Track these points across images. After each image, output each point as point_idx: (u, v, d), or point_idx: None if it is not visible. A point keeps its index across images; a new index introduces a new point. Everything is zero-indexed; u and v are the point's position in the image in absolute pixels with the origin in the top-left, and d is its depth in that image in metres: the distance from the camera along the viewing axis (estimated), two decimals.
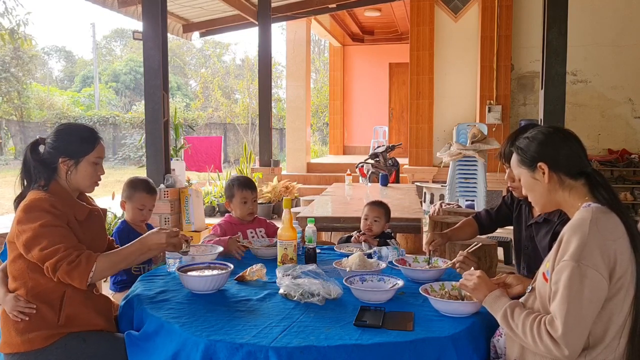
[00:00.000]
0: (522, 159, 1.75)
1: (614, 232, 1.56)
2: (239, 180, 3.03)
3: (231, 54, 31.25)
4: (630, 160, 8.05)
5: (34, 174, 2.02)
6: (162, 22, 5.19)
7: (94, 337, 1.95)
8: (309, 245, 2.49)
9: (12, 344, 1.91)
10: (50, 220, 1.88)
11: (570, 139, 1.72)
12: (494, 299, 1.68)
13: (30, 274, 1.92)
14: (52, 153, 2.04)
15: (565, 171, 1.67)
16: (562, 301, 1.49)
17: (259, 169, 8.80)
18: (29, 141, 2.07)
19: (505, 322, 1.61)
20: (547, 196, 1.71)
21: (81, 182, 2.06)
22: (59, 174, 2.04)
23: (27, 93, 21.99)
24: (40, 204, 1.91)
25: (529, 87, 8.69)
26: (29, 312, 1.90)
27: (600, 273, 1.49)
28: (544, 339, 1.50)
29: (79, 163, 2.05)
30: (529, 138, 1.74)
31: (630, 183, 7.97)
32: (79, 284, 1.86)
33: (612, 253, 1.52)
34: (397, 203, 4.53)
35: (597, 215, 1.58)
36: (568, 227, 1.60)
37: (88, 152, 2.06)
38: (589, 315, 1.50)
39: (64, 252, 1.84)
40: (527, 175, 1.74)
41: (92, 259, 1.86)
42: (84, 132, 2.09)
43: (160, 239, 1.98)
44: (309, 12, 9.49)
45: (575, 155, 1.69)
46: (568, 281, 1.50)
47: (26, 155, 2.03)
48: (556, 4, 4.31)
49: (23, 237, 1.87)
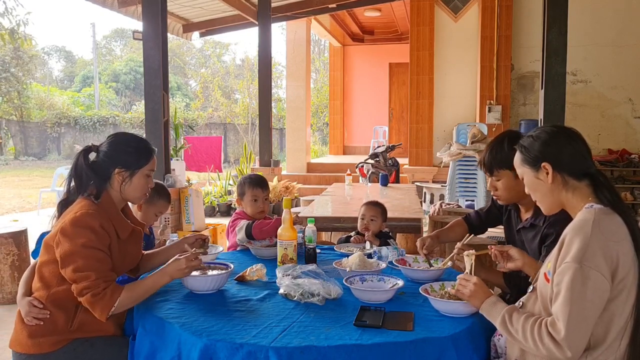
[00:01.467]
0: (525, 158, 1.73)
1: (617, 234, 1.55)
2: (250, 178, 3.06)
3: (231, 54, 31.31)
4: (630, 160, 8.05)
5: (85, 181, 2.00)
6: (162, 22, 5.19)
7: (101, 342, 1.96)
8: (309, 245, 2.49)
9: (22, 344, 1.93)
10: (93, 242, 1.88)
11: (574, 138, 1.69)
12: (491, 305, 1.67)
13: (58, 282, 1.93)
14: (107, 162, 2.03)
15: (569, 171, 1.65)
16: (564, 303, 1.49)
17: (259, 169, 8.80)
18: (29, 141, 2.08)
19: (504, 328, 1.61)
20: (550, 196, 1.69)
21: (133, 193, 2.07)
22: (112, 184, 2.04)
23: (27, 93, 22.01)
24: (88, 220, 1.89)
25: (529, 87, 8.69)
26: (42, 318, 1.91)
27: (603, 274, 1.48)
28: (545, 342, 1.50)
29: (134, 175, 2.05)
30: (533, 137, 1.72)
31: (630, 183, 7.97)
32: (99, 316, 1.86)
33: (615, 255, 1.51)
34: (397, 203, 4.52)
35: (600, 216, 1.57)
36: (570, 228, 1.59)
37: (144, 164, 2.07)
38: (592, 317, 1.49)
39: (93, 282, 1.83)
40: (531, 174, 1.72)
41: (117, 293, 1.85)
42: (141, 144, 2.09)
43: (179, 265, 1.96)
44: (309, 12, 9.49)
45: (579, 155, 1.66)
46: (570, 283, 1.49)
47: (78, 161, 2.01)
48: (556, 4, 4.31)
49: (62, 248, 1.87)
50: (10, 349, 1.98)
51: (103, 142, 2.09)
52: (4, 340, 3.70)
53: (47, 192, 9.83)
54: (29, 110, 21.74)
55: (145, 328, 1.85)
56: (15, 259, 4.52)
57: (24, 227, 4.79)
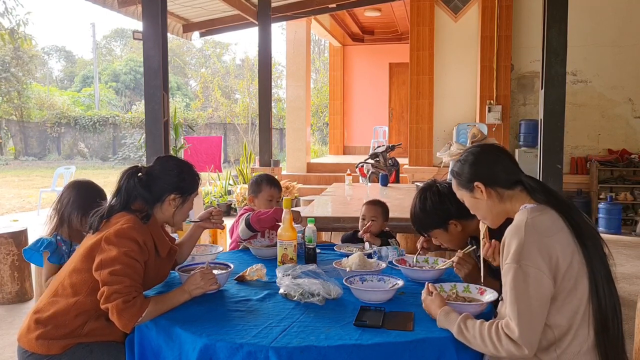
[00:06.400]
0: (459, 182, 1.85)
1: (551, 228, 1.62)
2: (268, 178, 3.10)
3: (231, 54, 31.27)
4: (630, 160, 8.05)
5: (132, 199, 2.03)
6: (162, 22, 5.18)
7: (101, 347, 1.96)
8: (309, 245, 2.49)
9: (30, 343, 1.94)
10: (135, 252, 1.90)
11: (498, 153, 1.83)
12: (445, 315, 1.70)
13: (87, 291, 1.92)
14: (163, 187, 2.07)
15: (500, 184, 1.77)
16: (511, 302, 1.56)
17: (259, 169, 8.79)
18: (29, 141, 2.09)
19: (461, 335, 1.63)
20: (491, 211, 1.80)
21: (181, 217, 2.14)
22: (163, 207, 2.08)
23: (27, 93, 22.00)
24: (133, 234, 1.92)
25: (529, 87, 8.69)
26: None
27: (541, 270, 1.56)
28: (504, 343, 1.54)
29: (186, 200, 2.12)
30: (461, 162, 1.86)
31: (630, 183, 7.97)
32: (125, 325, 1.83)
33: (552, 249, 1.58)
34: (397, 203, 4.52)
35: (533, 214, 1.65)
36: (507, 230, 1.67)
37: (195, 190, 2.15)
38: (539, 312, 1.55)
39: (125, 288, 1.83)
40: (468, 196, 1.84)
41: (145, 304, 1.85)
42: (192, 170, 2.16)
43: (196, 281, 1.98)
44: (309, 12, 9.48)
45: (505, 167, 1.79)
46: (513, 282, 1.57)
47: (129, 183, 2.03)
48: (556, 4, 4.30)
49: (105, 254, 1.88)
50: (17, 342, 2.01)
51: (153, 165, 2.12)
52: (4, 339, 3.70)
53: (47, 192, 9.83)
54: (29, 110, 21.73)
55: (146, 329, 1.85)
56: (15, 259, 4.52)
57: (24, 227, 4.79)
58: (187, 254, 2.37)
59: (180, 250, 2.33)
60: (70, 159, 21.15)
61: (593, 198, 7.95)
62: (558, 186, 4.31)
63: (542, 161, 4.39)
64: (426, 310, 1.81)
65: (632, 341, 2.73)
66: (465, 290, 1.94)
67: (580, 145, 8.47)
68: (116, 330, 1.92)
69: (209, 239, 5.20)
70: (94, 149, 21.95)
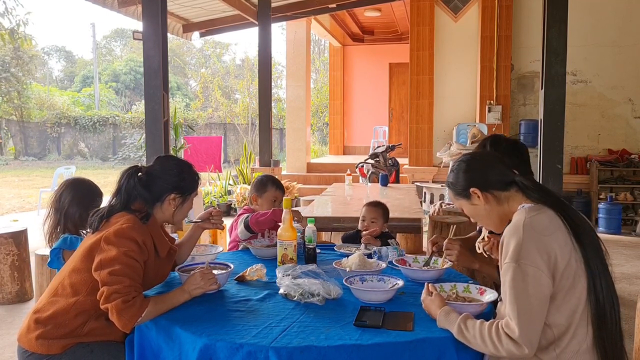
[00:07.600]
0: (456, 191, 1.86)
1: (549, 227, 1.63)
2: (274, 180, 3.12)
3: (231, 54, 31.26)
4: (630, 160, 8.05)
5: (132, 199, 2.03)
6: (162, 22, 5.18)
7: (101, 347, 1.97)
8: (309, 245, 2.49)
9: (30, 343, 1.94)
10: (134, 252, 1.90)
11: (488, 158, 1.87)
12: (445, 315, 1.70)
13: (87, 291, 1.92)
14: (163, 187, 2.06)
15: (495, 187, 1.78)
16: (511, 302, 1.56)
17: (259, 168, 8.79)
18: (29, 141, 2.08)
19: (461, 335, 1.63)
20: (491, 216, 1.81)
21: (180, 216, 2.14)
22: (163, 207, 2.08)
23: (27, 93, 21.98)
24: (133, 234, 1.93)
25: (529, 87, 8.69)
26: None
27: (540, 269, 1.57)
28: (504, 343, 1.54)
29: (186, 200, 2.12)
30: (454, 171, 1.87)
31: (630, 183, 7.97)
32: (124, 325, 1.82)
33: (550, 248, 1.59)
34: (397, 203, 4.53)
35: (530, 214, 1.66)
36: (506, 230, 1.68)
37: (195, 189, 2.15)
38: (539, 311, 1.56)
39: (125, 287, 1.83)
40: (466, 204, 1.84)
41: (145, 304, 1.85)
42: (192, 170, 2.16)
43: (195, 282, 1.98)
44: (309, 12, 9.49)
45: (497, 170, 1.80)
46: (512, 282, 1.58)
47: (129, 183, 2.03)
48: (556, 4, 4.30)
49: (105, 254, 1.88)
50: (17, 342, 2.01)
51: (153, 165, 2.11)
52: (4, 339, 3.70)
53: (47, 192, 9.82)
54: (29, 110, 21.72)
55: (146, 328, 1.85)
56: (15, 259, 4.52)
57: (24, 227, 4.79)
58: (187, 254, 2.37)
59: (180, 251, 2.33)
60: (70, 159, 21.15)
61: (593, 198, 7.95)
62: (558, 186, 4.31)
63: (542, 161, 4.39)
64: (426, 311, 1.81)
65: (632, 341, 2.73)
66: (465, 291, 1.95)
67: (580, 145, 8.47)
68: (116, 330, 1.92)
69: (209, 239, 5.20)
70: (94, 149, 21.95)
